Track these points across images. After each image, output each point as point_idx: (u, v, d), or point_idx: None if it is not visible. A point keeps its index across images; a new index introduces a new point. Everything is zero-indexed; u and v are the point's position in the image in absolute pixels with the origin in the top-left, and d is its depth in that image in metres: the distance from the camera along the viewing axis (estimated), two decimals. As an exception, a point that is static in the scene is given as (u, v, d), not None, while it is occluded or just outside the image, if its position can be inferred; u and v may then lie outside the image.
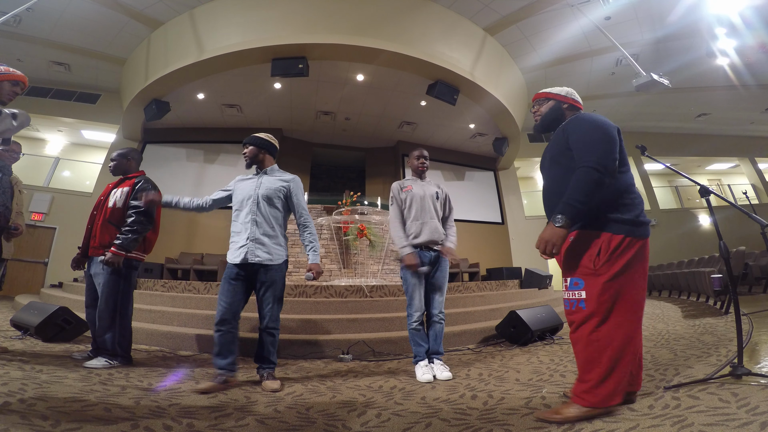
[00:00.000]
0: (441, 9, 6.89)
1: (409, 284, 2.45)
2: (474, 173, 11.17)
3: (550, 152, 1.79)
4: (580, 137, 1.60)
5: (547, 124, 1.85)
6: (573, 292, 1.55)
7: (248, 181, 2.41)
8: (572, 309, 1.55)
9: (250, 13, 6.55)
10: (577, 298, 1.54)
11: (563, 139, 1.68)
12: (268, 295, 2.22)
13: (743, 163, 12.73)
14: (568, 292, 1.57)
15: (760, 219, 1.92)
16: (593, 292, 1.50)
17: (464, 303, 4.63)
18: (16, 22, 6.70)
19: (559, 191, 1.62)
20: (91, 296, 2.61)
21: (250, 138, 2.43)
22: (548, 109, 1.85)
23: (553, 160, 1.74)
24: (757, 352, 2.33)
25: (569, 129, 1.67)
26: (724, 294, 4.26)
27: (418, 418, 1.59)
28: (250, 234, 2.23)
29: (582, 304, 1.52)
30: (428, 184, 2.69)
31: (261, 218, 2.27)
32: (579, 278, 1.54)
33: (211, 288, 4.57)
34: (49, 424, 1.39)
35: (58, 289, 6.10)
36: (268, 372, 2.20)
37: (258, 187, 2.34)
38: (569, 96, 1.84)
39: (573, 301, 1.55)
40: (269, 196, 2.31)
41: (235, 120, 9.14)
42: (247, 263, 2.20)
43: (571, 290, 1.55)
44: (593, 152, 1.53)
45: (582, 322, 1.52)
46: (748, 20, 6.66)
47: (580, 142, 1.59)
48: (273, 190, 2.33)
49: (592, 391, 1.46)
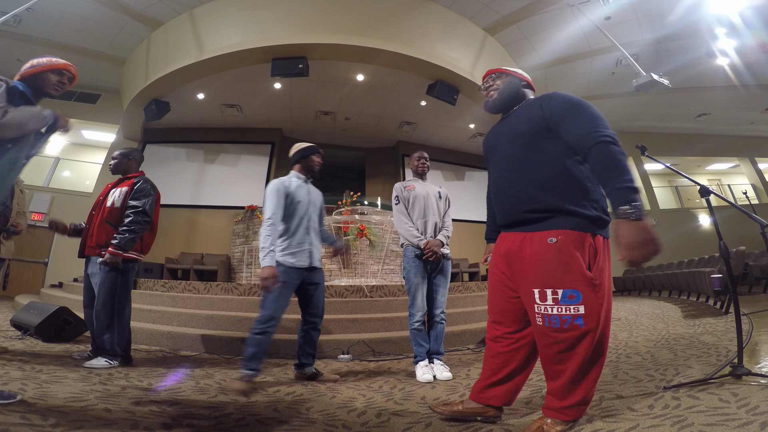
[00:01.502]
0: (441, 9, 6.89)
1: (412, 284, 2.45)
2: (474, 173, 11.16)
3: (510, 129, 1.51)
4: (579, 113, 1.33)
5: (505, 99, 1.61)
6: (568, 307, 1.27)
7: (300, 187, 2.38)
8: (564, 327, 1.27)
9: (250, 13, 6.54)
10: (573, 314, 1.26)
11: (536, 114, 1.42)
12: (320, 294, 2.37)
13: (743, 163, 12.73)
14: (559, 307, 1.27)
15: (760, 219, 1.92)
16: (593, 306, 1.27)
17: (464, 303, 4.63)
18: (16, 22, 6.70)
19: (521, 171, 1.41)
20: (88, 296, 2.61)
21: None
22: (506, 84, 1.61)
23: (519, 136, 1.45)
24: (757, 352, 2.34)
25: (553, 105, 1.39)
26: (724, 294, 4.27)
27: (418, 418, 1.59)
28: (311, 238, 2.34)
29: (579, 321, 1.26)
30: (430, 185, 2.70)
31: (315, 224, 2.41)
32: (575, 290, 1.27)
33: (210, 288, 4.57)
34: (49, 424, 1.38)
35: (58, 289, 6.10)
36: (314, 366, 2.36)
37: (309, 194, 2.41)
38: (524, 74, 1.67)
39: (567, 317, 1.27)
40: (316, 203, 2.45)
41: (235, 120, 9.14)
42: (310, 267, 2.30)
43: (566, 304, 1.27)
44: (603, 126, 1.27)
45: (578, 341, 1.27)
46: (748, 20, 6.66)
47: (580, 119, 1.31)
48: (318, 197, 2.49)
49: (577, 408, 1.32)
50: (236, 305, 3.90)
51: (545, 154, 1.38)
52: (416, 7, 6.78)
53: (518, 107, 1.58)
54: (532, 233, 1.37)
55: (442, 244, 2.49)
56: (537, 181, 1.37)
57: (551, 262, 1.30)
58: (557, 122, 1.36)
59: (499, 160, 1.53)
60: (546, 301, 1.30)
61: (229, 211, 8.46)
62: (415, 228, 2.53)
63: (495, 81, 1.65)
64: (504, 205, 1.48)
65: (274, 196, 2.22)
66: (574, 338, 1.27)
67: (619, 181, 1.17)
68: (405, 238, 2.53)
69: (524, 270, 1.37)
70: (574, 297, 1.27)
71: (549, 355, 1.33)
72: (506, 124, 1.57)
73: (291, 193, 2.28)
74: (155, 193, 2.69)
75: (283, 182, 2.30)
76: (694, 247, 10.15)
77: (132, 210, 2.53)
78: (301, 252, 2.27)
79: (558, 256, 1.29)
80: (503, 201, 1.49)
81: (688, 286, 5.96)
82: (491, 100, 1.64)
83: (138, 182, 2.64)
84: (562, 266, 1.29)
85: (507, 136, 1.52)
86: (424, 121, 9.38)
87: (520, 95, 1.61)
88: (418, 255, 2.47)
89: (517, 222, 1.43)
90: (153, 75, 7.21)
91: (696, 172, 13.76)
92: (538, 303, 1.32)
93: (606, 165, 1.21)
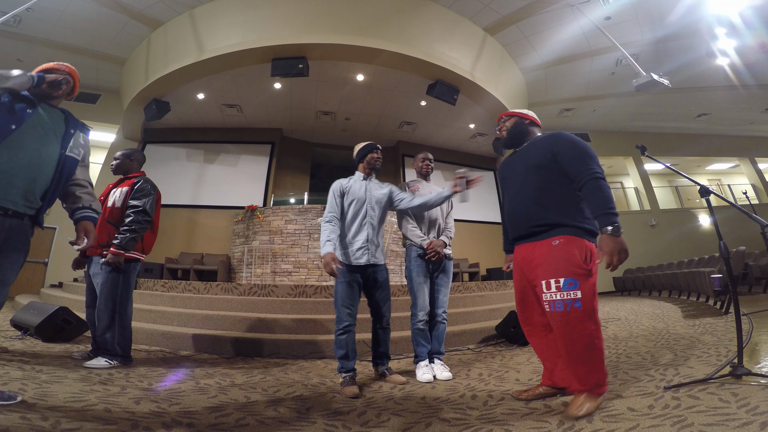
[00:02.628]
0: (441, 9, 6.89)
1: (415, 283, 2.45)
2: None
3: (523, 162, 1.88)
4: (578, 152, 1.70)
5: (513, 137, 1.98)
6: (568, 293, 1.57)
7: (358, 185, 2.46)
8: (567, 309, 1.57)
9: (251, 13, 6.54)
10: (572, 298, 1.57)
11: (546, 151, 1.78)
12: (380, 292, 2.35)
13: (743, 163, 12.73)
14: (562, 293, 1.58)
15: (760, 219, 1.92)
16: (588, 292, 1.58)
17: (464, 303, 4.63)
18: (16, 22, 6.70)
19: (531, 196, 1.77)
20: (91, 296, 2.62)
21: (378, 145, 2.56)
22: (513, 125, 1.99)
23: (534, 168, 1.80)
24: (757, 352, 2.34)
25: (560, 144, 1.75)
26: (724, 294, 4.26)
27: (418, 418, 1.59)
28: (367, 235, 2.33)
29: (578, 304, 1.56)
30: (433, 186, 2.70)
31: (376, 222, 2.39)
32: (573, 278, 1.58)
33: (210, 288, 4.57)
34: (49, 424, 1.38)
35: (58, 289, 6.10)
36: (387, 366, 2.35)
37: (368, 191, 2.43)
38: (529, 114, 2.02)
39: (568, 301, 1.57)
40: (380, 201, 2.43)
41: (235, 120, 9.14)
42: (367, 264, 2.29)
43: (566, 290, 1.58)
44: (596, 164, 1.66)
45: (580, 321, 1.56)
46: (748, 20, 6.66)
47: (578, 157, 1.69)
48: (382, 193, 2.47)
49: (603, 383, 1.57)
50: (236, 305, 3.90)
51: (551, 183, 1.74)
52: (416, 7, 6.77)
53: (529, 143, 1.93)
54: (540, 241, 1.72)
55: (444, 244, 2.50)
56: (544, 203, 1.73)
57: (555, 258, 1.64)
58: (561, 158, 1.73)
59: (513, 186, 1.90)
60: (551, 290, 1.62)
61: (229, 211, 8.44)
62: (418, 228, 2.54)
63: (505, 123, 2.04)
64: (517, 222, 1.85)
65: (330, 196, 2.38)
66: (575, 319, 1.56)
67: (605, 208, 1.56)
68: (408, 238, 2.54)
69: (535, 270, 1.71)
70: (572, 284, 1.58)
71: (561, 337, 1.61)
72: (518, 157, 1.94)
73: (346, 191, 2.39)
74: (156, 193, 2.69)
75: (340, 182, 2.44)
76: (694, 247, 10.15)
77: (132, 210, 2.54)
78: (358, 250, 2.29)
79: (560, 252, 1.64)
80: (516, 219, 1.84)
81: (688, 286, 5.96)
82: (504, 139, 2.04)
83: (138, 182, 2.65)
84: (563, 260, 1.62)
85: (520, 168, 1.88)
86: (424, 121, 9.38)
87: (527, 132, 1.97)
88: (420, 255, 2.48)
89: (527, 234, 1.79)
90: (153, 75, 7.21)
91: (696, 172, 13.76)
92: (545, 292, 1.63)
93: (596, 195, 1.59)
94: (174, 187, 8.39)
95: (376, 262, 2.33)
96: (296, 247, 6.90)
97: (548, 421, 1.49)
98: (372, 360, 2.42)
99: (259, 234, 7.24)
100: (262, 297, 4.29)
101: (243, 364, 2.74)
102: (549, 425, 1.44)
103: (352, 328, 2.22)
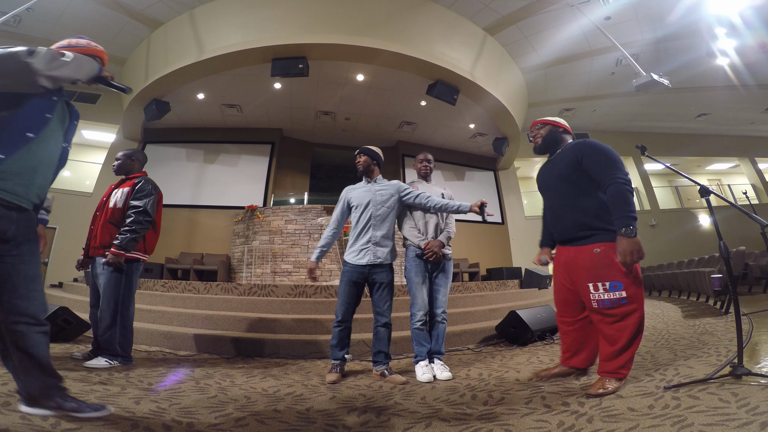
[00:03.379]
0: (441, 9, 6.89)
1: (413, 283, 2.45)
2: (474, 173, 11.16)
3: (557, 170, 2.07)
4: (601, 158, 1.89)
5: (548, 144, 2.19)
6: (614, 293, 1.84)
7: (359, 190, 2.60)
8: (614, 306, 1.84)
9: (250, 13, 6.54)
10: (618, 297, 1.84)
11: (573, 159, 1.97)
12: (381, 291, 2.41)
13: (743, 163, 12.73)
14: (609, 293, 1.85)
15: (760, 219, 1.92)
16: (632, 291, 1.84)
17: (464, 303, 4.63)
18: (16, 22, 6.69)
19: (570, 204, 1.99)
20: (95, 296, 2.64)
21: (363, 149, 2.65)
22: (547, 132, 2.19)
23: (563, 177, 2.02)
24: (757, 352, 2.34)
25: (584, 151, 1.94)
26: (724, 294, 4.26)
27: (418, 418, 1.59)
28: (370, 237, 2.43)
29: (624, 301, 1.83)
30: (433, 187, 2.70)
31: (380, 222, 2.47)
32: (617, 281, 1.84)
33: (210, 288, 4.57)
34: (49, 424, 1.39)
35: (59, 289, 6.10)
36: (387, 367, 2.37)
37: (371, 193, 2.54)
38: (562, 122, 2.20)
39: (614, 300, 1.84)
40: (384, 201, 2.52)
41: (235, 120, 9.14)
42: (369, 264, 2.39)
43: (612, 291, 1.85)
44: (619, 169, 1.84)
45: (625, 315, 1.84)
46: (748, 20, 6.66)
47: (601, 162, 1.88)
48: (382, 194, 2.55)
49: (627, 366, 1.84)
50: (236, 305, 3.90)
51: (584, 190, 1.95)
52: (416, 7, 6.78)
53: (560, 151, 2.13)
54: (582, 247, 1.95)
55: (442, 244, 2.50)
56: (582, 210, 1.95)
57: (598, 265, 1.88)
58: (586, 164, 1.93)
59: (552, 196, 2.15)
60: (598, 291, 1.88)
61: (229, 211, 8.45)
62: (417, 228, 2.54)
63: (539, 130, 2.22)
64: (560, 228, 2.08)
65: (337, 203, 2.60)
66: (623, 313, 1.84)
67: (625, 211, 1.77)
68: (406, 238, 2.55)
69: (579, 273, 1.95)
70: (617, 286, 1.84)
71: (605, 328, 1.88)
72: (552, 166, 2.15)
73: (350, 198, 2.56)
74: (157, 193, 2.69)
75: (346, 190, 2.63)
76: (694, 247, 10.15)
77: (133, 210, 2.54)
78: (360, 250, 2.42)
79: (602, 260, 1.87)
80: (560, 226, 2.08)
81: (688, 286, 5.96)
82: (537, 145, 2.24)
83: (139, 182, 2.65)
84: (605, 267, 1.86)
85: (555, 177, 2.10)
86: (424, 121, 9.38)
87: (560, 139, 2.17)
88: (419, 255, 2.48)
89: (570, 239, 2.02)
90: (153, 75, 7.21)
91: (696, 172, 13.76)
92: (593, 293, 1.89)
93: (618, 199, 1.80)
94: (174, 187, 8.38)
95: (379, 262, 2.39)
96: (296, 247, 6.91)
97: (548, 421, 1.49)
98: (372, 359, 2.44)
99: (259, 234, 7.25)
100: (262, 297, 4.29)
101: (243, 364, 2.74)
102: (549, 425, 1.44)
103: (345, 324, 2.37)
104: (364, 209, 2.48)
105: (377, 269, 2.40)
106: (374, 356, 2.41)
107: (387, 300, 2.40)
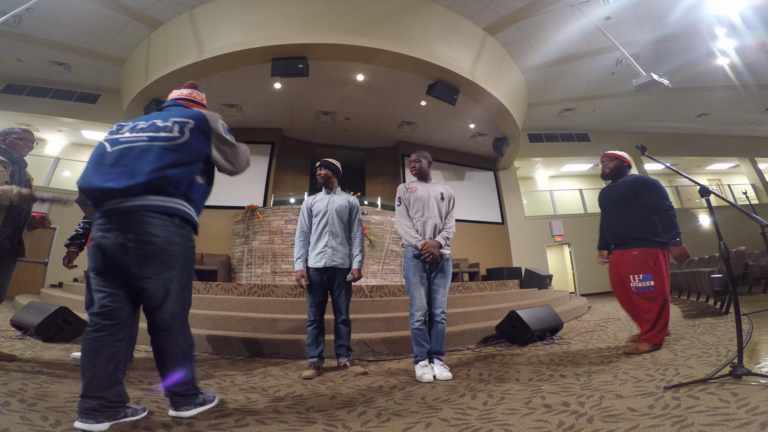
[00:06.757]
0: (441, 9, 6.89)
1: (411, 283, 2.45)
2: (474, 173, 11.16)
3: (615, 194, 2.92)
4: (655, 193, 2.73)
5: (614, 174, 2.99)
6: (645, 282, 2.68)
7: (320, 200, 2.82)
8: (645, 291, 2.68)
9: (250, 13, 6.54)
10: (647, 284, 2.67)
11: (632, 190, 2.81)
12: (344, 293, 2.64)
13: (743, 163, 12.73)
14: (642, 282, 2.69)
15: (760, 219, 1.92)
16: (658, 280, 2.66)
17: (464, 303, 4.63)
18: (16, 22, 6.70)
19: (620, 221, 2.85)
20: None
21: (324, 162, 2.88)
22: (615, 166, 2.98)
23: (624, 201, 2.84)
24: (757, 352, 2.34)
25: (645, 189, 2.77)
26: (724, 294, 4.26)
27: (418, 418, 1.59)
28: (327, 241, 2.65)
29: (651, 288, 2.67)
30: (434, 186, 2.69)
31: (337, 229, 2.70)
32: (648, 274, 2.68)
33: (210, 288, 4.57)
34: (49, 424, 1.39)
35: (58, 289, 6.10)
36: (349, 358, 2.60)
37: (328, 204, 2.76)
38: (627, 158, 3.00)
39: (646, 287, 2.68)
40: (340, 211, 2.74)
41: (235, 120, 9.13)
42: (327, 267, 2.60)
43: (644, 281, 2.68)
44: (666, 199, 2.70)
45: (654, 297, 2.66)
46: (748, 20, 6.66)
47: (656, 196, 2.72)
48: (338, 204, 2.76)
49: (658, 335, 2.63)
50: (236, 305, 3.90)
51: (635, 211, 2.79)
52: (416, 7, 6.78)
53: (622, 180, 2.95)
54: (625, 250, 2.83)
55: (439, 245, 2.49)
56: (629, 225, 2.80)
57: (634, 263, 2.75)
58: (643, 196, 2.77)
59: (611, 213, 2.97)
60: (636, 281, 2.73)
61: (229, 211, 8.44)
62: (414, 229, 2.54)
63: (608, 164, 3.02)
64: (612, 236, 2.97)
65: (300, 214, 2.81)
66: (651, 296, 2.67)
67: (672, 229, 2.64)
68: (404, 239, 2.55)
69: (624, 268, 2.82)
70: (647, 277, 2.68)
71: (641, 305, 2.73)
72: (612, 191, 2.99)
73: (312, 207, 2.78)
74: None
75: (306, 200, 2.83)
76: (694, 247, 10.12)
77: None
78: (318, 254, 2.63)
79: (638, 259, 2.74)
80: (612, 234, 2.96)
81: (688, 286, 5.96)
82: (605, 173, 3.04)
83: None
84: (639, 263, 2.72)
85: (614, 199, 2.94)
86: (424, 121, 9.38)
87: (623, 172, 2.98)
88: (416, 255, 2.48)
89: (619, 243, 2.90)
90: (153, 75, 7.21)
91: (696, 172, 13.76)
92: (633, 281, 2.75)
93: (668, 222, 2.66)
94: (174, 187, 8.37)
95: (335, 265, 2.60)
96: (296, 247, 6.90)
97: (548, 421, 1.49)
98: (335, 352, 2.64)
99: (259, 234, 7.24)
100: (262, 297, 4.29)
101: (243, 364, 2.74)
102: (549, 425, 1.44)
103: (316, 323, 2.58)
104: (323, 217, 2.70)
105: (336, 272, 2.62)
106: (336, 349, 2.63)
107: (345, 300, 2.63)
